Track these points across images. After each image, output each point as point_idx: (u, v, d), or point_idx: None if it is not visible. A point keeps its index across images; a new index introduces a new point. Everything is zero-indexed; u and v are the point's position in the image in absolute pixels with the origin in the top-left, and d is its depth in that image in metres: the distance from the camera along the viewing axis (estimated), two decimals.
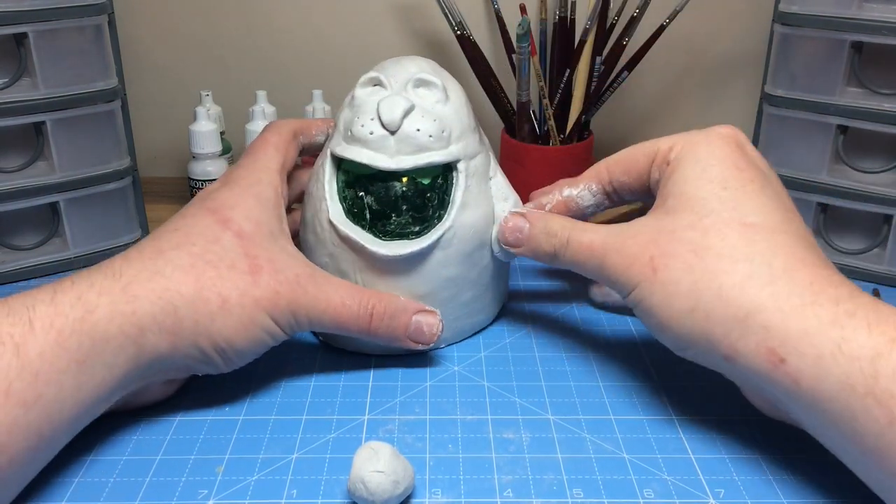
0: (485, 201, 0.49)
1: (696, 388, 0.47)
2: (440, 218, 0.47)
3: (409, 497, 0.38)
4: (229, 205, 0.45)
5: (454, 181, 0.48)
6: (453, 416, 0.44)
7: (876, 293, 0.57)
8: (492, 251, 0.50)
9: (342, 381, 0.47)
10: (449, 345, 0.51)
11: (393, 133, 0.46)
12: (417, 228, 0.47)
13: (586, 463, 0.40)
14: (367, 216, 0.47)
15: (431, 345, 0.47)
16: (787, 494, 0.38)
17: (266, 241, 0.44)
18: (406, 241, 0.47)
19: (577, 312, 0.55)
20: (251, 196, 0.46)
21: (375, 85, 0.48)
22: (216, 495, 0.38)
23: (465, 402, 0.45)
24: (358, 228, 0.47)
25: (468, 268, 0.48)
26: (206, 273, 0.41)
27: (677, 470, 0.40)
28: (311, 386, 0.47)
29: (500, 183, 0.50)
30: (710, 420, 0.44)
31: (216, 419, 0.44)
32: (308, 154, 0.54)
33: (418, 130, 0.46)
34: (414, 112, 0.46)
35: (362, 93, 0.48)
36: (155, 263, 0.41)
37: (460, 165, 0.47)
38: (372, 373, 0.48)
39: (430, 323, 0.47)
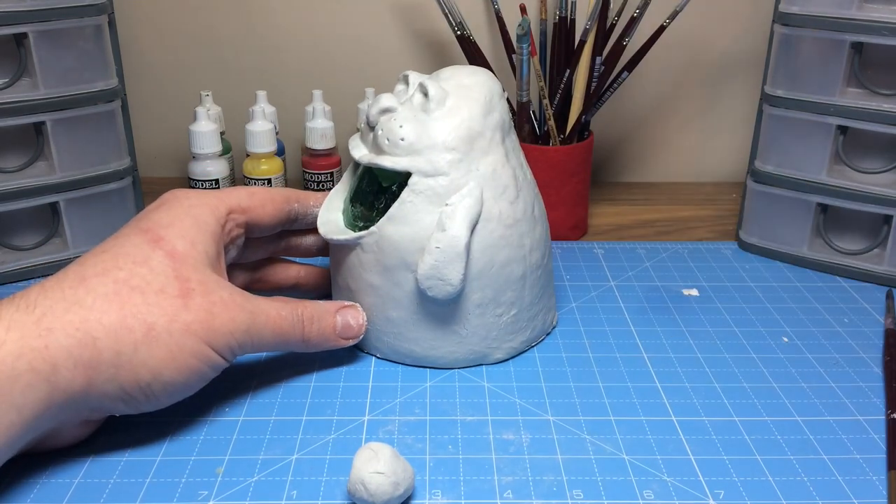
0: (421, 224, 0.46)
1: (696, 388, 0.47)
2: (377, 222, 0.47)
3: (409, 498, 0.38)
4: (164, 224, 0.42)
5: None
6: (453, 417, 0.44)
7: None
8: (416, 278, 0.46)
9: (342, 382, 0.47)
10: (387, 359, 0.49)
11: (372, 128, 0.48)
12: (361, 224, 0.48)
13: (586, 464, 0.40)
14: (350, 199, 0.50)
15: (361, 336, 0.48)
16: (787, 495, 0.38)
17: (200, 263, 0.42)
18: (348, 230, 0.49)
19: (576, 313, 0.55)
20: (189, 217, 0.43)
21: (405, 84, 0.49)
22: (216, 496, 0.38)
23: (465, 402, 0.45)
24: (339, 209, 0.51)
25: (391, 284, 0.47)
26: (132, 300, 0.39)
27: (677, 471, 0.40)
28: (311, 386, 0.47)
29: (451, 213, 0.45)
30: (709, 420, 0.44)
31: (216, 420, 0.44)
32: (301, 226, 0.52)
33: (380, 132, 0.47)
34: (390, 114, 0.47)
35: (396, 87, 0.50)
36: (75, 293, 0.38)
37: (411, 179, 0.46)
38: (372, 373, 0.48)
39: (354, 315, 0.48)
